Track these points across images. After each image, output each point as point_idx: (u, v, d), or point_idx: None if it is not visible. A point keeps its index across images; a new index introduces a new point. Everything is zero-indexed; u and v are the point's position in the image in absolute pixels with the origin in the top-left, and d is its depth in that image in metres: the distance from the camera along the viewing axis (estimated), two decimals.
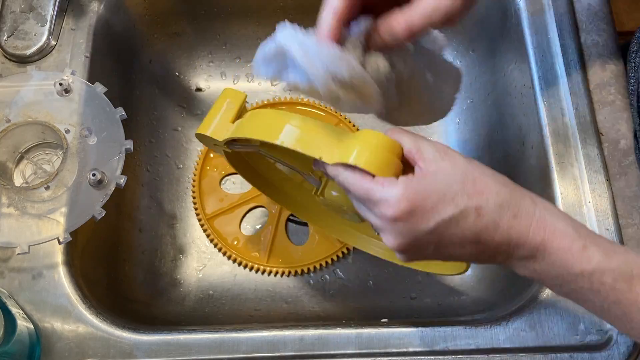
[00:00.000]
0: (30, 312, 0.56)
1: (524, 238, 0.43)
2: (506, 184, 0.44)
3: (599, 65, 0.65)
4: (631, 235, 0.58)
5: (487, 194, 0.43)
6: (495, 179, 0.44)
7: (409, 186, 0.43)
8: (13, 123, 0.60)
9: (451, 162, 0.44)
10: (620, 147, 0.61)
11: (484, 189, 0.43)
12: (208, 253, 0.73)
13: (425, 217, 0.43)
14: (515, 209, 0.43)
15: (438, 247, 0.44)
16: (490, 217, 0.43)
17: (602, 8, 0.68)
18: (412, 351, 0.54)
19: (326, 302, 0.70)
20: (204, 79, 0.82)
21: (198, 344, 0.55)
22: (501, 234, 0.43)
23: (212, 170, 0.76)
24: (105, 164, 0.58)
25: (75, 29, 0.68)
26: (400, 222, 0.43)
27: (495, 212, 0.43)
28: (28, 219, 0.57)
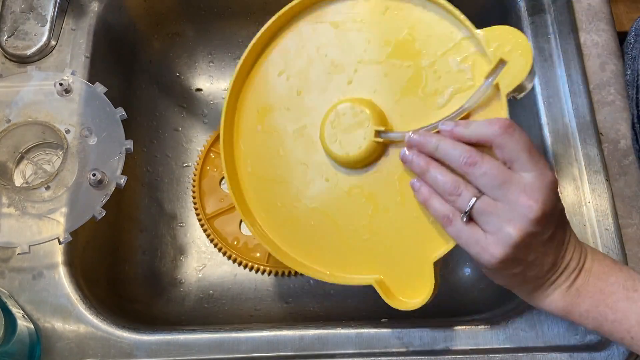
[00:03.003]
0: (30, 312, 0.56)
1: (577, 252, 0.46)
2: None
3: (599, 65, 0.65)
4: (631, 235, 0.58)
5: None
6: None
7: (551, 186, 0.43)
8: (13, 123, 0.60)
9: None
10: (620, 147, 0.61)
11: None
12: (208, 253, 0.73)
13: (553, 215, 0.44)
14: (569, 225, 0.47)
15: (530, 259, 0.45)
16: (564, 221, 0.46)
17: (602, 8, 0.68)
18: (412, 351, 0.54)
19: (326, 302, 0.70)
20: (204, 79, 0.82)
21: (198, 344, 0.55)
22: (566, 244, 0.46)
23: (212, 170, 0.76)
24: (105, 164, 0.58)
25: (76, 29, 0.68)
26: (540, 219, 0.42)
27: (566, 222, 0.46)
28: (28, 219, 0.57)
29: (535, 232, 0.43)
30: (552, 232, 0.44)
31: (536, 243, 0.44)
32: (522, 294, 0.49)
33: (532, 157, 0.42)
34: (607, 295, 0.46)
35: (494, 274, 0.47)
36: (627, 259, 0.57)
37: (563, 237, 0.46)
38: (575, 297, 0.46)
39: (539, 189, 0.42)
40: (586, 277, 0.46)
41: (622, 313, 0.45)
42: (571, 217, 0.58)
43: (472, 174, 0.43)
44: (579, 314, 0.46)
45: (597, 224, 0.58)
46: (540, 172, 0.42)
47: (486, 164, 0.43)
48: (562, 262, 0.46)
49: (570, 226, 0.48)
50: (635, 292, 0.45)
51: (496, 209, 0.43)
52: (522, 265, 0.45)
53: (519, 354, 0.54)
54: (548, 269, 0.46)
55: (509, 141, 0.42)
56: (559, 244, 0.46)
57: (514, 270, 0.45)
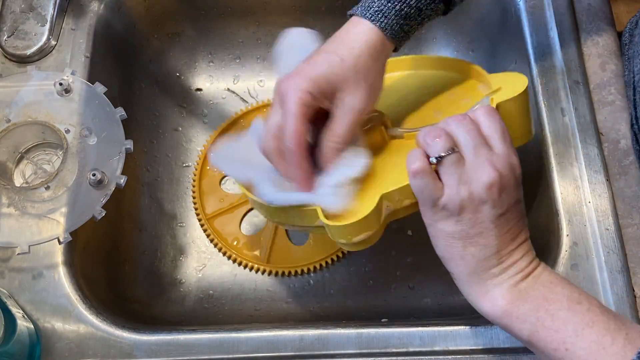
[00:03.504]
0: (30, 312, 0.56)
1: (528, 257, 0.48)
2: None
3: (599, 65, 0.65)
4: (631, 235, 0.58)
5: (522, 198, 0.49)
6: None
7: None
8: (13, 123, 0.60)
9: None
10: (620, 147, 0.61)
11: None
12: (208, 253, 0.73)
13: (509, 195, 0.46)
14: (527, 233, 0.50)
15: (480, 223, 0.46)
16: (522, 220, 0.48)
17: (602, 8, 0.68)
18: (412, 351, 0.54)
19: (326, 302, 0.70)
20: (204, 79, 0.82)
21: (198, 344, 0.55)
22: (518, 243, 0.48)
23: (212, 170, 0.76)
24: (105, 164, 0.58)
25: (75, 29, 0.68)
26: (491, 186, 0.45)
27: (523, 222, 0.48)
28: (28, 219, 0.57)
29: (483, 198, 0.45)
30: (501, 213, 0.46)
31: (483, 215, 0.45)
32: (463, 281, 0.48)
33: (505, 140, 0.47)
34: (550, 303, 0.45)
35: (435, 234, 0.48)
36: (627, 259, 0.57)
37: (516, 232, 0.47)
38: (517, 298, 0.46)
39: (502, 162, 0.46)
40: (532, 282, 0.47)
41: (561, 321, 0.44)
42: (571, 217, 0.58)
43: (457, 127, 0.47)
44: (516, 316, 0.46)
45: (597, 224, 0.58)
46: (509, 153, 0.47)
47: (473, 125, 0.47)
48: (510, 257, 0.47)
49: (527, 236, 0.49)
50: (578, 304, 0.45)
51: (462, 165, 0.46)
52: (464, 232, 0.46)
53: (519, 354, 0.54)
54: (490, 255, 0.46)
55: (490, 120, 0.47)
56: (509, 234, 0.47)
57: (455, 234, 0.46)
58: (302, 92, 0.48)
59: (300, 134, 0.49)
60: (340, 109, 0.50)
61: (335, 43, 0.51)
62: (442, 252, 0.48)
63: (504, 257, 0.47)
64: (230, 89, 0.82)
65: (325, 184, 0.51)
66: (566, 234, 0.58)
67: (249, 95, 0.81)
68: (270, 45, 0.82)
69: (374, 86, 0.51)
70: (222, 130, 0.78)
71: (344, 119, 0.50)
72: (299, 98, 0.49)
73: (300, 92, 0.48)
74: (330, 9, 0.78)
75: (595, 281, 0.56)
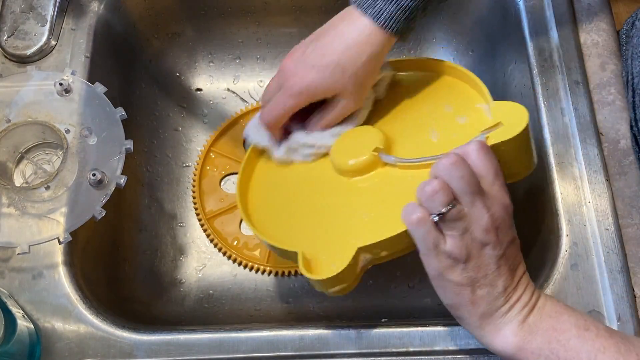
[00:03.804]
0: (30, 312, 0.56)
1: (530, 288, 0.49)
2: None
3: (599, 65, 0.65)
4: (631, 235, 0.58)
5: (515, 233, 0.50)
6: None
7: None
8: (13, 123, 0.60)
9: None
10: (620, 147, 0.61)
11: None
12: (208, 253, 0.73)
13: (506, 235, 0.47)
14: (524, 264, 0.50)
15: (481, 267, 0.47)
16: (519, 254, 0.49)
17: (602, 8, 0.68)
18: (412, 351, 0.54)
19: (326, 302, 0.70)
20: (204, 79, 0.82)
21: (198, 344, 0.55)
22: (519, 277, 0.48)
23: (212, 170, 0.76)
24: (105, 164, 0.58)
25: (75, 29, 0.68)
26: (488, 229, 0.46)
27: (519, 257, 0.49)
28: (28, 219, 0.57)
29: (484, 241, 0.46)
30: (502, 253, 0.46)
31: (487, 257, 0.46)
32: (473, 324, 0.48)
33: (497, 180, 0.47)
34: (560, 333, 0.46)
35: (443, 286, 0.48)
36: (627, 259, 0.57)
37: (515, 267, 0.48)
38: (528, 333, 0.47)
39: (495, 204, 0.46)
40: (539, 314, 0.47)
41: (574, 351, 0.45)
42: (571, 217, 0.58)
43: (451, 174, 0.46)
44: (530, 351, 0.46)
45: (597, 224, 0.58)
46: (502, 194, 0.47)
47: (466, 169, 0.46)
48: (514, 293, 0.47)
49: (524, 266, 0.49)
50: (586, 331, 0.46)
51: (463, 217, 0.46)
52: (471, 278, 0.46)
53: None
54: (498, 294, 0.47)
55: (482, 159, 0.46)
56: (510, 271, 0.47)
57: (463, 281, 0.46)
58: (301, 100, 0.57)
59: (280, 121, 0.59)
60: (335, 107, 0.58)
61: (340, 45, 0.55)
62: (451, 300, 0.48)
63: (509, 294, 0.47)
64: (230, 89, 0.82)
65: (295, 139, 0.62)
66: (566, 234, 0.58)
67: (249, 95, 0.81)
68: (271, 45, 0.82)
69: (367, 87, 0.59)
70: (222, 130, 0.78)
71: (335, 114, 0.59)
72: (296, 104, 0.57)
73: (299, 100, 0.57)
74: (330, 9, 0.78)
75: (595, 281, 0.56)
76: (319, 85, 0.56)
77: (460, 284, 0.47)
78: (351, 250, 0.50)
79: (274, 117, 0.59)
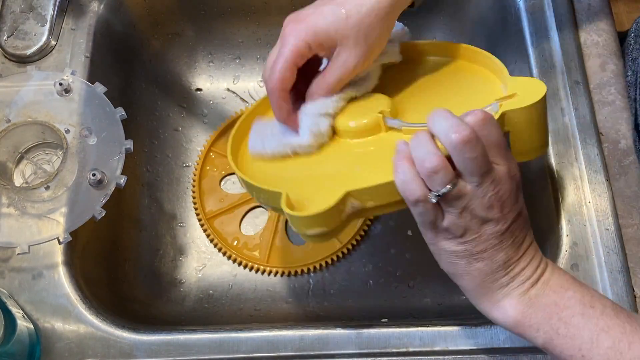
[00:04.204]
0: (30, 312, 0.56)
1: (535, 261, 0.47)
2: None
3: (599, 65, 0.65)
4: (631, 235, 0.58)
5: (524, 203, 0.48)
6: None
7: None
8: (13, 123, 0.60)
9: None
10: (620, 147, 0.61)
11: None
12: (208, 253, 0.73)
13: (511, 210, 0.45)
14: (532, 235, 0.48)
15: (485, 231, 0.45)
16: (526, 226, 0.47)
17: (602, 8, 0.68)
18: (412, 351, 0.54)
19: (326, 302, 0.70)
20: (204, 79, 0.82)
21: (198, 344, 0.55)
22: (524, 249, 0.47)
23: (212, 170, 0.76)
24: (105, 164, 0.58)
25: (75, 29, 0.68)
26: (492, 205, 0.44)
27: (527, 228, 0.48)
28: (28, 219, 0.57)
29: (487, 218, 0.44)
30: (506, 227, 0.45)
31: (487, 233, 0.44)
32: (471, 293, 0.47)
33: (501, 151, 0.44)
34: (562, 309, 0.45)
35: (438, 252, 0.47)
36: (627, 259, 0.57)
37: (521, 240, 0.46)
38: (528, 306, 0.46)
39: (504, 180, 0.44)
40: (542, 289, 0.46)
41: (575, 328, 0.44)
42: (571, 217, 0.58)
43: (463, 153, 0.42)
44: (529, 325, 0.45)
45: (597, 224, 0.58)
46: (509, 167, 0.45)
47: (480, 148, 0.42)
48: (517, 265, 0.46)
49: (532, 238, 0.48)
50: (591, 308, 0.44)
51: (464, 195, 0.43)
52: (468, 251, 0.45)
53: (519, 354, 0.54)
54: (498, 267, 0.45)
55: (490, 131, 0.43)
56: (515, 245, 0.46)
57: (459, 253, 0.45)
58: (300, 41, 0.51)
59: (284, 79, 0.52)
60: (335, 62, 0.52)
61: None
62: (445, 267, 0.48)
63: (511, 267, 0.46)
64: (230, 89, 0.82)
65: (303, 113, 0.55)
66: (566, 234, 0.58)
67: (249, 96, 0.81)
68: (270, 45, 0.81)
69: (374, 45, 0.52)
70: (222, 130, 0.78)
71: (336, 72, 0.52)
72: (295, 46, 0.51)
73: (298, 40, 0.51)
74: None
75: (595, 281, 0.56)
76: (318, 27, 0.50)
77: (455, 254, 0.46)
78: (339, 192, 0.47)
79: (277, 76, 0.52)
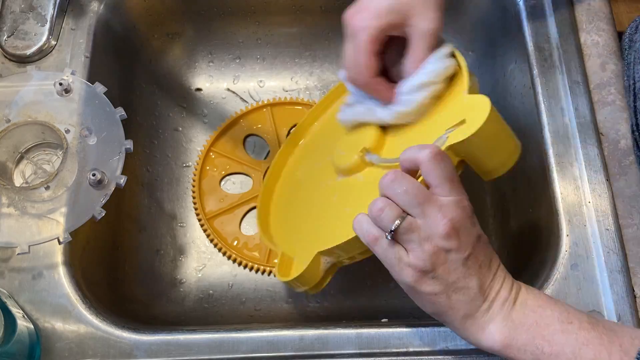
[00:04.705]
0: (30, 312, 0.56)
1: (507, 282, 0.48)
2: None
3: (599, 65, 0.65)
4: (631, 235, 0.58)
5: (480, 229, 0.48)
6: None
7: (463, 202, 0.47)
8: (13, 123, 0.60)
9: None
10: (620, 147, 0.61)
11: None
12: (208, 253, 0.73)
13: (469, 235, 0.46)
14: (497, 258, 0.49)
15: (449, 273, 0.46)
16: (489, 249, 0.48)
17: (602, 8, 0.68)
18: (412, 351, 0.54)
19: (326, 302, 0.70)
20: (204, 79, 0.82)
21: (198, 344, 0.55)
22: (494, 272, 0.48)
23: (212, 170, 0.76)
24: (105, 164, 0.58)
25: (75, 29, 0.68)
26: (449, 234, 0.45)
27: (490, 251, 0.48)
28: (28, 219, 0.57)
29: (447, 247, 0.45)
30: (469, 254, 0.46)
31: (453, 262, 0.46)
32: (458, 326, 0.48)
33: (453, 186, 0.46)
34: (543, 328, 0.46)
35: (418, 297, 0.48)
36: (627, 259, 0.57)
37: (487, 263, 0.48)
38: (512, 329, 0.47)
39: (452, 209, 0.45)
40: (522, 310, 0.47)
41: (558, 346, 0.45)
42: (571, 217, 0.58)
43: (394, 190, 0.46)
44: (517, 348, 0.46)
45: (597, 224, 0.58)
46: (459, 199, 0.46)
47: (407, 183, 0.45)
48: (491, 289, 0.47)
49: (499, 260, 0.49)
50: (569, 324, 0.46)
51: (417, 228, 0.45)
52: (443, 285, 0.46)
53: None
54: (475, 294, 0.47)
55: (435, 168, 0.45)
56: (483, 268, 0.47)
57: (436, 290, 0.46)
58: (371, 28, 0.51)
59: (371, 68, 0.52)
60: (415, 35, 0.52)
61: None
62: (430, 309, 0.49)
63: (487, 292, 0.47)
64: (230, 89, 0.82)
65: (401, 92, 0.54)
66: (566, 234, 0.58)
67: (249, 96, 0.81)
68: (270, 45, 0.82)
69: (440, 2, 0.52)
70: (222, 130, 0.78)
71: (421, 44, 0.52)
72: (369, 35, 0.51)
73: (369, 28, 0.51)
74: (330, 9, 0.78)
75: (595, 281, 0.56)
76: (382, 8, 0.51)
77: (434, 292, 0.47)
78: (311, 254, 0.51)
79: (360, 68, 0.53)
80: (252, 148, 0.79)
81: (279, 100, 0.80)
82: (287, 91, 0.81)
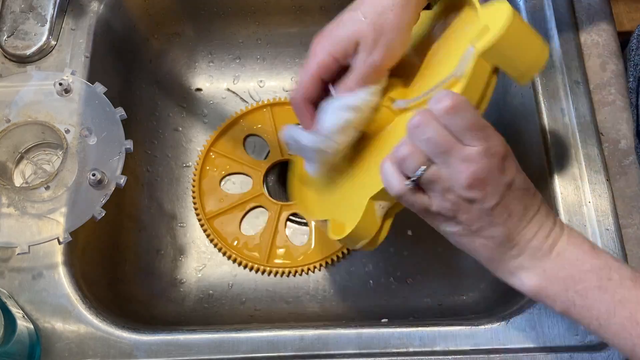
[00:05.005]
0: (30, 312, 0.56)
1: (544, 230, 0.46)
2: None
3: (599, 65, 0.65)
4: (631, 235, 0.58)
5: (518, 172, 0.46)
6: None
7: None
8: (13, 123, 0.60)
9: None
10: (620, 147, 0.61)
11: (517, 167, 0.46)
12: (208, 253, 0.73)
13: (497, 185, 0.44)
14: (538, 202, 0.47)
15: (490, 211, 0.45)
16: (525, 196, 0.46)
17: (602, 8, 0.68)
18: (412, 351, 0.54)
19: (326, 302, 0.70)
20: (204, 79, 0.82)
21: (198, 344, 0.55)
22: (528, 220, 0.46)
23: (212, 170, 0.76)
24: (105, 164, 0.58)
25: (75, 29, 0.68)
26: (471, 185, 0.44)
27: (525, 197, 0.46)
28: (28, 219, 0.57)
29: (470, 198, 0.44)
30: (495, 203, 0.44)
31: (476, 211, 0.45)
32: (487, 265, 0.48)
33: (476, 134, 0.43)
34: (578, 282, 0.45)
35: (445, 234, 0.48)
36: (627, 259, 0.57)
37: (520, 210, 0.46)
38: (544, 279, 0.46)
39: (476, 159, 0.43)
40: (558, 261, 0.46)
41: (591, 300, 0.44)
42: (571, 217, 0.58)
43: (417, 137, 0.44)
44: (546, 296, 0.46)
45: (597, 224, 0.58)
46: (485, 147, 0.43)
47: (430, 130, 0.43)
48: (523, 237, 0.46)
49: (540, 205, 0.47)
50: (609, 280, 0.44)
51: (439, 177, 0.44)
52: (466, 230, 0.46)
53: (519, 354, 0.54)
54: (502, 242, 0.46)
55: (452, 121, 0.43)
56: (513, 217, 0.45)
57: (460, 232, 0.46)
58: (324, 54, 0.52)
59: (308, 91, 0.54)
60: (356, 63, 0.52)
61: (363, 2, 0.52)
62: (456, 245, 0.49)
63: (516, 239, 0.46)
64: (230, 89, 0.82)
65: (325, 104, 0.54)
66: None
67: (248, 96, 0.81)
68: (270, 45, 0.82)
69: (394, 43, 0.52)
70: (222, 130, 0.78)
71: (356, 72, 0.52)
72: (319, 60, 0.53)
73: (322, 54, 0.53)
74: (330, 9, 0.78)
75: None
76: (339, 36, 0.52)
77: (457, 234, 0.47)
78: (362, 201, 0.50)
79: (300, 89, 0.54)
80: (252, 148, 0.78)
81: (279, 100, 0.80)
82: (287, 91, 0.81)
